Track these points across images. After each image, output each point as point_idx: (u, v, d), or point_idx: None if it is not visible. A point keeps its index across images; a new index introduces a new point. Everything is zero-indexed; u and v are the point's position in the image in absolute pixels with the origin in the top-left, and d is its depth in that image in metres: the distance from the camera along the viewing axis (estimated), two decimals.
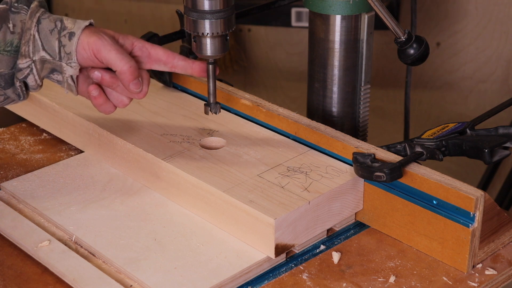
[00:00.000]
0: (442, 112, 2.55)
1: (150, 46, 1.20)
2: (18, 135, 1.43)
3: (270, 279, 1.09)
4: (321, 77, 1.40)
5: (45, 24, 1.14)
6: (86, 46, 1.13)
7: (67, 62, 1.14)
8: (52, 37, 1.14)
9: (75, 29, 1.14)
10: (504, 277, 1.10)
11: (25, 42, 1.13)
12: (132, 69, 1.15)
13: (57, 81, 1.16)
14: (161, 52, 1.20)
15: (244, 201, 1.10)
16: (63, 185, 1.26)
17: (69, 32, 1.14)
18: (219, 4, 1.14)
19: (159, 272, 1.06)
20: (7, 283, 1.08)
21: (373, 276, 1.09)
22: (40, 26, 1.13)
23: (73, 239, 1.14)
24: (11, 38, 1.13)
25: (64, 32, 1.14)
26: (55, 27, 1.13)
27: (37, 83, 1.15)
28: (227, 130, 1.30)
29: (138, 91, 1.17)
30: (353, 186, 1.16)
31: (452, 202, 1.07)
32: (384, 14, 1.21)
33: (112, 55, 1.14)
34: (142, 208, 1.20)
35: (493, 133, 1.19)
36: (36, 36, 1.14)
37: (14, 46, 1.13)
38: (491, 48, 2.43)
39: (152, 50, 1.20)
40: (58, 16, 1.15)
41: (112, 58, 1.14)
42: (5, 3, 1.14)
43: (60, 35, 1.13)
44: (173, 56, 1.21)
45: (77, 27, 1.14)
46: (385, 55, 2.51)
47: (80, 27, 1.14)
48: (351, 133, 1.41)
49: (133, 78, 1.15)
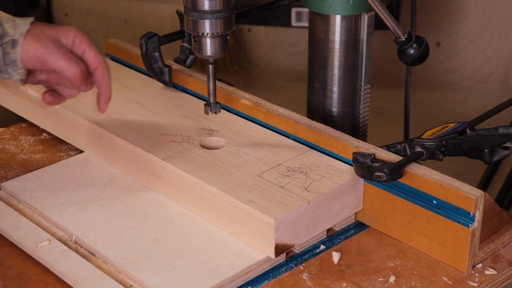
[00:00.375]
0: (442, 112, 2.55)
1: (87, 46, 1.15)
2: (18, 135, 1.43)
3: (270, 279, 1.09)
4: (321, 77, 1.40)
5: None
6: (32, 54, 1.11)
7: (13, 68, 1.12)
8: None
9: (17, 36, 1.11)
10: (504, 277, 1.10)
11: None
12: (82, 73, 1.13)
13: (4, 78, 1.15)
14: (91, 55, 1.15)
15: (244, 201, 1.10)
16: (63, 185, 1.26)
17: (11, 39, 1.11)
18: (219, 4, 1.14)
19: (159, 272, 1.06)
20: (7, 283, 1.08)
21: (373, 276, 1.09)
22: None
23: (73, 239, 1.14)
24: None
25: (6, 39, 1.11)
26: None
27: None
28: (227, 130, 1.30)
29: (89, 89, 1.16)
30: (353, 186, 1.16)
31: (452, 202, 1.07)
32: (384, 14, 1.21)
33: (60, 62, 1.12)
34: (142, 208, 1.20)
35: (493, 133, 1.19)
36: None
37: None
38: (491, 48, 2.43)
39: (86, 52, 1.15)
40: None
41: (60, 66, 1.12)
42: None
43: (3, 41, 1.11)
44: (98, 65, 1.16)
45: (19, 33, 1.11)
46: (385, 55, 2.51)
47: (22, 32, 1.11)
48: (351, 133, 1.41)
49: (84, 81, 1.14)
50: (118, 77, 1.48)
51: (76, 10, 2.86)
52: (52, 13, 2.89)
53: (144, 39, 1.39)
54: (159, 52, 1.41)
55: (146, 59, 1.41)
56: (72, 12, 2.87)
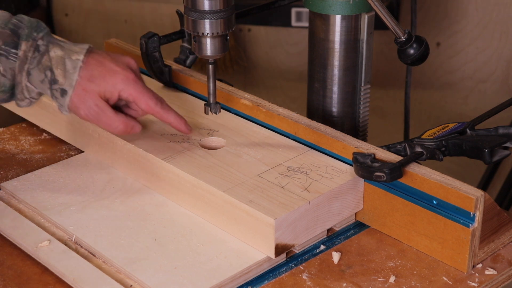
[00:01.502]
0: (442, 112, 2.55)
1: (135, 98, 1.18)
2: (18, 135, 1.43)
3: (270, 279, 1.09)
4: (321, 77, 1.40)
5: (35, 75, 1.15)
6: (75, 109, 1.16)
7: (59, 107, 1.17)
8: (44, 85, 1.16)
9: (66, 86, 1.15)
10: (504, 277, 1.10)
11: (19, 92, 1.16)
12: (125, 128, 1.18)
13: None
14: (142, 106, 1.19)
15: (244, 201, 1.10)
16: (63, 185, 1.26)
17: (60, 88, 1.15)
18: (219, 4, 1.14)
19: (159, 272, 1.06)
20: (7, 283, 1.08)
21: (373, 276, 1.09)
22: (30, 77, 1.15)
23: (73, 239, 1.14)
24: (3, 81, 1.15)
25: (56, 86, 1.15)
26: (45, 77, 1.15)
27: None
28: (227, 130, 1.30)
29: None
30: (353, 186, 1.16)
31: (452, 202, 1.07)
32: (384, 14, 1.21)
33: (101, 124, 1.18)
34: (142, 208, 1.20)
35: (493, 133, 1.19)
36: (28, 85, 1.16)
37: (8, 87, 1.16)
38: (491, 48, 2.43)
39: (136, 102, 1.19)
40: (47, 64, 1.14)
41: (101, 126, 1.18)
42: None
43: (52, 87, 1.15)
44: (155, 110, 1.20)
45: (68, 84, 1.14)
46: (385, 55, 2.51)
47: (71, 84, 1.14)
48: (351, 133, 1.41)
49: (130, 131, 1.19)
50: None
51: (76, 10, 2.86)
52: (52, 13, 2.89)
53: (144, 39, 1.39)
54: (159, 52, 1.41)
55: (146, 59, 1.41)
56: (72, 12, 2.87)
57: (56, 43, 1.16)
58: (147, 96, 1.17)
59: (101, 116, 1.16)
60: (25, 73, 1.15)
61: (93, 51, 1.17)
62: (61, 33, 2.86)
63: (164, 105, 1.19)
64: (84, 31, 2.87)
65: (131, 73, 1.17)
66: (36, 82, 1.15)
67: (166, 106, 1.19)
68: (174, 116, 1.20)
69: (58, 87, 1.15)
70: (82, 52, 1.16)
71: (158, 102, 1.19)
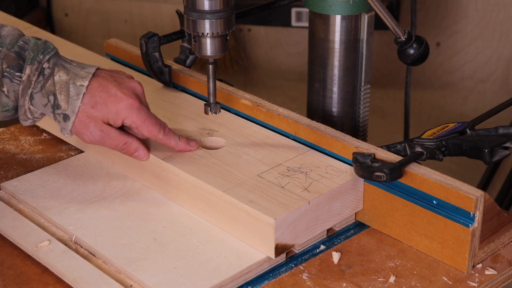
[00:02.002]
0: (442, 112, 2.55)
1: (138, 126, 1.19)
2: (18, 135, 1.43)
3: (270, 279, 1.09)
4: (321, 77, 1.40)
5: (38, 99, 1.15)
6: (78, 133, 1.18)
7: (62, 130, 1.18)
8: (46, 109, 1.16)
9: (68, 111, 1.15)
10: (504, 277, 1.10)
11: (22, 113, 1.17)
12: (128, 151, 1.21)
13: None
14: (145, 134, 1.20)
15: (244, 201, 1.10)
16: (63, 185, 1.26)
17: (63, 113, 1.15)
18: (219, 4, 1.14)
19: (159, 272, 1.06)
20: (7, 283, 1.08)
21: (373, 276, 1.09)
22: (33, 101, 1.16)
23: (73, 239, 1.14)
24: (7, 101, 1.16)
25: (58, 111, 1.16)
26: (48, 102, 1.15)
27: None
28: (227, 130, 1.30)
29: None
30: (353, 186, 1.16)
31: (452, 202, 1.07)
32: (384, 14, 1.21)
33: (105, 146, 1.19)
34: (142, 208, 1.20)
35: (493, 133, 1.19)
36: (32, 108, 1.17)
37: (11, 107, 1.16)
38: (491, 48, 2.43)
39: (139, 130, 1.20)
40: (51, 89, 1.15)
41: (107, 146, 1.20)
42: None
43: (55, 112, 1.16)
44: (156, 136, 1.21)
45: (71, 110, 1.15)
46: (385, 55, 2.51)
47: (74, 110, 1.15)
48: (351, 133, 1.41)
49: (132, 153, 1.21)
50: None
51: (76, 10, 2.86)
52: (52, 13, 2.89)
53: (144, 39, 1.39)
54: (159, 52, 1.41)
55: (146, 59, 1.41)
56: (72, 12, 2.87)
57: (62, 66, 1.16)
58: (150, 124, 1.18)
59: (105, 139, 1.18)
60: (28, 97, 1.15)
61: (99, 75, 1.17)
62: (61, 33, 2.86)
63: (166, 131, 1.20)
64: (84, 31, 2.87)
65: (135, 100, 1.17)
66: (39, 106, 1.16)
67: (168, 132, 1.20)
68: (175, 141, 1.21)
69: (61, 112, 1.15)
70: (88, 77, 1.15)
71: (161, 129, 1.19)
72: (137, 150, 1.21)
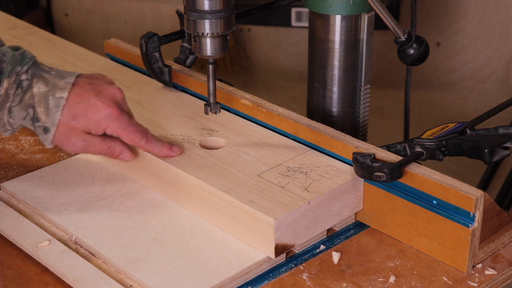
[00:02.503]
0: (442, 112, 2.55)
1: (120, 134, 1.18)
2: (18, 135, 1.43)
3: (270, 279, 1.09)
4: (321, 77, 1.40)
5: (16, 112, 1.14)
6: (59, 144, 1.17)
7: (43, 141, 1.17)
8: (26, 122, 1.15)
9: (48, 124, 1.14)
10: (504, 277, 1.10)
11: (1, 126, 1.16)
12: (111, 155, 1.21)
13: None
14: (127, 140, 1.20)
15: (244, 201, 1.10)
16: (63, 185, 1.26)
17: (43, 125, 1.15)
18: (219, 4, 1.14)
19: (159, 272, 1.06)
20: (7, 283, 1.08)
21: (373, 276, 1.09)
22: (12, 114, 1.15)
23: (73, 239, 1.14)
24: None
25: (38, 124, 1.15)
26: (27, 115, 1.14)
27: None
28: (227, 130, 1.30)
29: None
30: (353, 186, 1.16)
31: (452, 202, 1.07)
32: (384, 14, 1.21)
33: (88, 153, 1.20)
34: (142, 208, 1.20)
35: (493, 133, 1.19)
36: (11, 121, 1.15)
37: None
38: (491, 48, 2.43)
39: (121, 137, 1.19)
40: (30, 101, 1.13)
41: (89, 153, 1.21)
42: None
43: (35, 124, 1.15)
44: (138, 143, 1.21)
45: (51, 123, 1.14)
46: (385, 55, 2.51)
47: (54, 123, 1.14)
48: (351, 133, 1.41)
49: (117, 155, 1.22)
50: (118, 77, 1.48)
51: (76, 10, 2.86)
52: (52, 13, 2.89)
53: (144, 39, 1.39)
54: (159, 52, 1.41)
55: (146, 59, 1.41)
56: (72, 12, 2.87)
57: (41, 76, 1.14)
58: (130, 132, 1.18)
59: (88, 148, 1.18)
60: (7, 111, 1.14)
61: (78, 84, 1.15)
62: (61, 33, 2.86)
63: (149, 137, 1.20)
64: (84, 31, 2.87)
65: (115, 109, 1.16)
66: (17, 118, 1.15)
67: (150, 139, 1.20)
68: (157, 148, 1.20)
69: (40, 125, 1.15)
70: (67, 88, 1.14)
71: (143, 136, 1.19)
72: (122, 153, 1.21)
